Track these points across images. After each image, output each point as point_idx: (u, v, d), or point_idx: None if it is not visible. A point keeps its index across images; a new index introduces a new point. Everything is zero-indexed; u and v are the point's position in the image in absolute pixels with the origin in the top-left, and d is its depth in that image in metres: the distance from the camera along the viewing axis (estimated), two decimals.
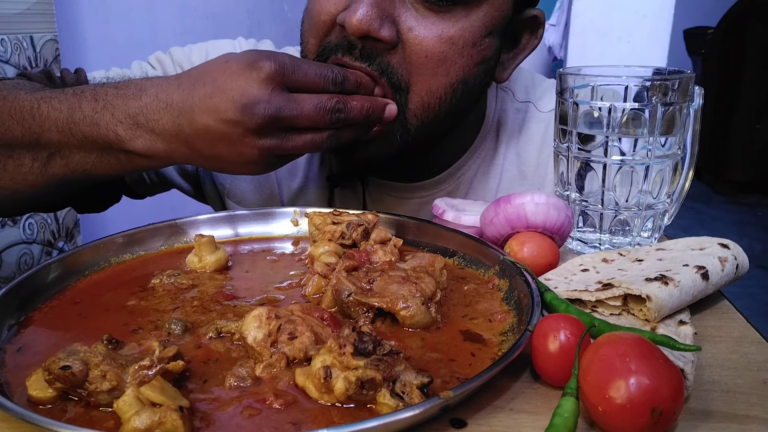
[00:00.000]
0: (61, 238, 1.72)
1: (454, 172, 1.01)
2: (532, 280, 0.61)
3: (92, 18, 1.83)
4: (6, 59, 1.50)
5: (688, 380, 0.49)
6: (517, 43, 0.91)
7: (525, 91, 1.04)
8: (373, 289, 0.60)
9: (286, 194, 1.04)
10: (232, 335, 0.57)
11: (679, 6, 2.05)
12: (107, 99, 0.74)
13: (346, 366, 0.46)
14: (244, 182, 1.04)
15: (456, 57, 0.80)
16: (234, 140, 0.71)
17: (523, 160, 1.01)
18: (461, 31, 0.79)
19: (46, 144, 0.76)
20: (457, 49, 0.79)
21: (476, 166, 1.01)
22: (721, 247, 0.67)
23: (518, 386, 0.51)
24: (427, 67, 0.79)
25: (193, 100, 0.71)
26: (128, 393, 0.44)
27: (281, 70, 0.71)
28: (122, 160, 0.76)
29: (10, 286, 0.62)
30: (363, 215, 0.75)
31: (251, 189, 1.04)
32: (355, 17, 0.74)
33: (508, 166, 1.01)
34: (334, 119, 0.73)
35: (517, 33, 0.90)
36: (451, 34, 0.78)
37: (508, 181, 1.01)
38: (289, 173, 1.03)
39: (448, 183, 1.01)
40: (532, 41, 0.90)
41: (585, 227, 0.81)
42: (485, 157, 1.01)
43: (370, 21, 0.75)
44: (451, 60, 0.80)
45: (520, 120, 1.02)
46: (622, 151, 0.75)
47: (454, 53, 0.79)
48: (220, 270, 0.73)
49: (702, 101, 0.78)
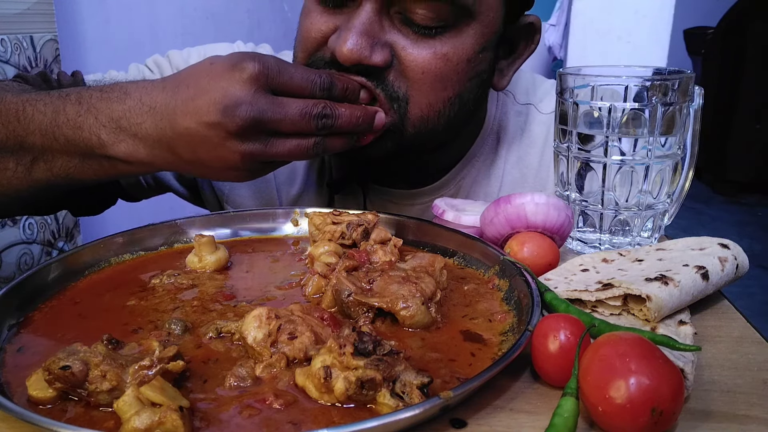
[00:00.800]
0: (61, 238, 1.72)
1: (455, 176, 1.00)
2: (532, 280, 0.61)
3: (92, 18, 1.83)
4: (6, 59, 1.50)
5: (688, 380, 0.49)
6: (514, 50, 0.91)
7: (526, 93, 1.03)
8: (373, 289, 0.60)
9: (285, 200, 1.03)
10: (232, 335, 0.57)
11: (679, 6, 2.05)
12: (91, 102, 0.73)
13: (346, 366, 0.46)
14: (243, 188, 1.03)
15: (451, 73, 0.81)
16: (215, 144, 0.69)
17: (525, 163, 1.01)
18: (454, 49, 0.80)
19: (29, 147, 0.74)
20: (452, 65, 0.80)
21: (477, 171, 1.01)
22: (721, 247, 0.67)
23: (518, 386, 0.51)
24: (424, 82, 0.79)
25: (176, 102, 0.69)
26: (128, 393, 0.44)
27: (265, 71, 0.69)
28: (105, 165, 0.75)
29: (10, 286, 0.62)
30: (363, 215, 0.75)
31: (250, 195, 1.03)
32: (345, 48, 0.74)
33: (510, 169, 1.01)
34: (321, 125, 0.71)
35: (515, 40, 0.90)
36: (445, 51, 0.79)
37: (510, 184, 1.01)
38: (288, 179, 1.03)
39: (449, 188, 1.00)
40: (530, 47, 0.91)
41: (585, 227, 0.81)
42: (486, 161, 1.01)
43: (360, 50, 0.75)
44: (447, 76, 0.80)
45: (521, 123, 1.02)
46: (622, 151, 0.75)
47: (449, 69, 0.80)
48: (220, 270, 0.73)
49: (702, 101, 0.78)
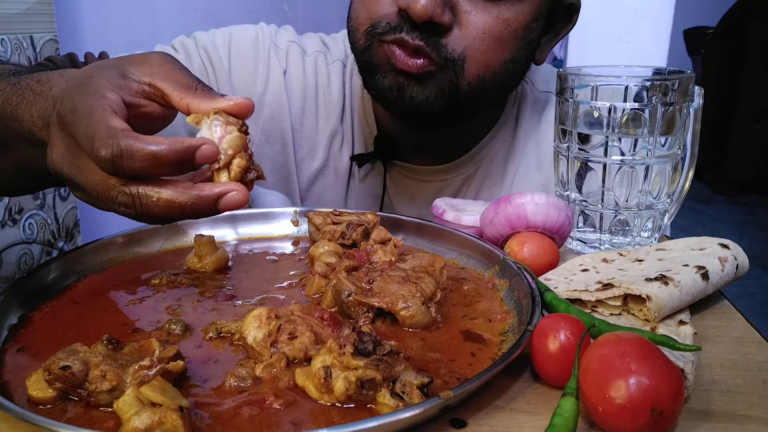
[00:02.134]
0: (61, 238, 1.72)
1: (475, 155, 1.02)
2: (532, 280, 0.61)
3: (92, 18, 1.83)
4: (6, 59, 1.49)
5: (688, 380, 0.49)
6: (554, 27, 0.94)
7: (545, 82, 1.06)
8: (373, 289, 0.60)
9: (305, 175, 1.04)
10: (232, 335, 0.57)
11: (679, 6, 2.05)
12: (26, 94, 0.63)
13: (346, 366, 0.46)
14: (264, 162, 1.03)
15: (510, 37, 0.85)
16: None
17: (542, 148, 1.02)
18: (515, 14, 0.84)
19: None
20: (511, 30, 0.84)
21: (495, 152, 1.03)
22: (721, 248, 0.67)
23: (518, 386, 0.51)
24: (484, 42, 0.83)
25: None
26: (128, 393, 0.44)
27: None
28: None
29: (10, 286, 0.62)
30: (363, 215, 0.75)
31: (270, 169, 1.04)
32: (420, 4, 0.77)
33: (527, 153, 1.03)
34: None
35: (555, 17, 0.93)
36: (506, 16, 0.83)
37: (525, 168, 1.03)
38: (309, 153, 1.04)
39: (468, 167, 1.03)
40: (567, 27, 0.95)
41: (585, 227, 0.81)
42: (504, 143, 1.03)
43: (434, 7, 0.78)
44: (506, 39, 0.84)
45: (540, 109, 1.04)
46: (622, 151, 0.75)
47: (508, 34, 0.84)
48: (220, 270, 0.73)
49: (702, 101, 0.78)
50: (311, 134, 1.04)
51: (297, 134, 1.03)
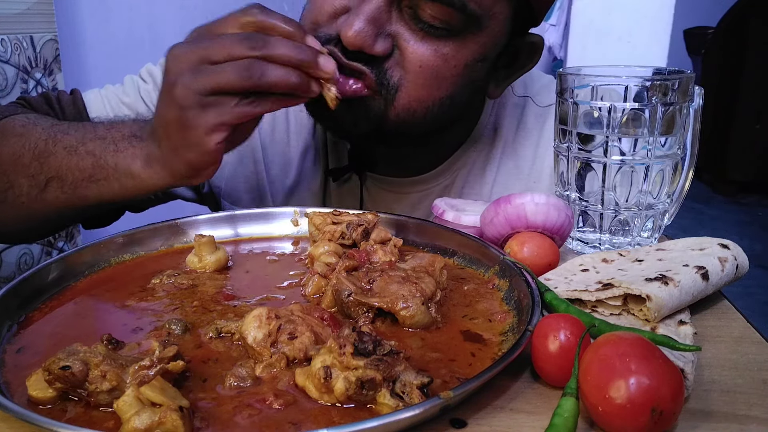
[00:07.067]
0: (61, 238, 1.72)
1: (451, 165, 1.01)
2: (532, 280, 0.61)
3: (92, 18, 1.83)
4: (6, 59, 1.49)
5: (688, 380, 0.49)
6: (513, 63, 0.92)
7: (523, 86, 1.04)
8: (373, 289, 0.60)
9: (279, 192, 1.04)
10: (232, 335, 0.57)
11: (679, 6, 2.05)
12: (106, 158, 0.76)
13: (346, 366, 0.46)
14: (238, 182, 1.04)
15: (447, 74, 0.81)
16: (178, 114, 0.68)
17: (520, 155, 1.01)
18: (455, 51, 0.80)
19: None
20: (449, 66, 0.80)
21: (473, 160, 1.02)
22: (721, 248, 0.67)
23: (518, 386, 0.51)
24: (419, 75, 0.79)
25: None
26: (128, 393, 0.44)
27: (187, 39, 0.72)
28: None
29: (10, 286, 0.62)
30: (363, 215, 0.75)
31: (244, 189, 1.04)
32: (351, 32, 0.75)
33: (505, 160, 1.02)
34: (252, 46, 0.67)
35: (517, 53, 0.91)
36: (446, 51, 0.79)
37: (505, 175, 1.02)
38: (282, 171, 1.03)
39: (445, 177, 1.01)
40: (528, 66, 0.92)
41: (585, 227, 0.81)
42: (482, 151, 1.02)
43: (364, 38, 0.75)
44: (443, 76, 0.81)
45: (517, 114, 1.03)
46: (622, 151, 0.75)
47: (446, 70, 0.80)
48: (220, 270, 0.73)
49: (702, 101, 0.78)
50: (283, 150, 1.03)
51: (268, 151, 1.03)
